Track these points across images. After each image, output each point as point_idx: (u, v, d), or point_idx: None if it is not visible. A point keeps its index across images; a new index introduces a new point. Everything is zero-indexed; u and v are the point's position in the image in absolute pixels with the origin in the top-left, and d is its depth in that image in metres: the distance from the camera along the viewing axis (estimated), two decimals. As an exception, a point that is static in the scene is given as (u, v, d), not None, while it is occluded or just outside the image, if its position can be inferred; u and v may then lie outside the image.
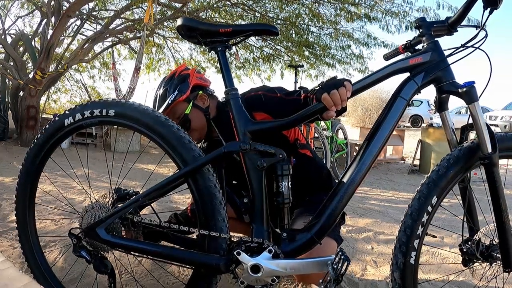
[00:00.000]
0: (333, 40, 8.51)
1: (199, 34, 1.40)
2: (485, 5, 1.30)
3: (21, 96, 7.41)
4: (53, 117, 1.49)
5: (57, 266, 2.13)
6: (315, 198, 1.80)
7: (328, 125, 5.85)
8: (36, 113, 7.10)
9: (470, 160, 1.37)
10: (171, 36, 9.66)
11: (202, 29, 1.39)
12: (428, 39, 1.40)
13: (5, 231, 2.58)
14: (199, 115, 1.80)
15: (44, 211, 3.07)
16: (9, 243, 2.38)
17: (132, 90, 7.17)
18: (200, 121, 1.81)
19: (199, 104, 1.81)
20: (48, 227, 2.77)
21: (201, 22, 1.42)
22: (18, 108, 7.32)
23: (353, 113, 14.02)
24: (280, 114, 1.51)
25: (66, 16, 6.57)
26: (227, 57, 1.45)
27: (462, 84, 1.34)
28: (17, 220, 1.61)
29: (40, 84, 6.96)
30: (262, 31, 1.43)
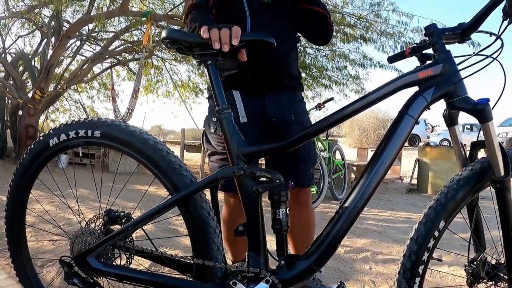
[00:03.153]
0: (329, 62, 8.61)
1: (186, 47, 1.30)
2: (505, 16, 1.19)
3: (20, 115, 7.40)
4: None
5: (55, 286, 2.10)
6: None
7: (326, 146, 5.85)
8: (34, 132, 7.09)
9: (480, 181, 1.28)
10: (169, 58, 9.72)
11: (189, 41, 1.29)
12: (439, 49, 1.28)
13: (3, 249, 2.54)
14: None
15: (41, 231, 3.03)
16: (7, 261, 2.35)
17: (130, 111, 7.18)
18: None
19: None
20: (46, 246, 2.72)
21: (188, 33, 1.34)
22: (17, 127, 7.31)
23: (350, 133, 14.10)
24: None
25: (66, 37, 6.63)
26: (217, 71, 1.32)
27: (476, 101, 1.23)
28: (8, 241, 1.55)
29: (39, 104, 6.97)
30: (256, 42, 1.33)
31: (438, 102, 1.29)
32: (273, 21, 1.76)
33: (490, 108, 1.22)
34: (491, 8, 1.20)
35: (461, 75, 1.26)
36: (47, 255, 2.56)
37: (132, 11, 7.41)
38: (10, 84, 7.61)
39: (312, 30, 1.89)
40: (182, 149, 8.59)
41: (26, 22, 8.69)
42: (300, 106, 1.90)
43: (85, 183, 5.63)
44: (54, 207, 4.02)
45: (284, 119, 1.80)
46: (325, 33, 1.88)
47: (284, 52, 1.79)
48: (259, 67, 1.70)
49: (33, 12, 7.97)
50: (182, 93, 10.42)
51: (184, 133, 8.81)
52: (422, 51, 1.36)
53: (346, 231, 1.27)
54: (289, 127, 1.79)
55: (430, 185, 6.76)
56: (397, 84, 1.26)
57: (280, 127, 1.79)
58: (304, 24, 1.86)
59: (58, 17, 7.76)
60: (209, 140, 1.82)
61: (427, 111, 1.30)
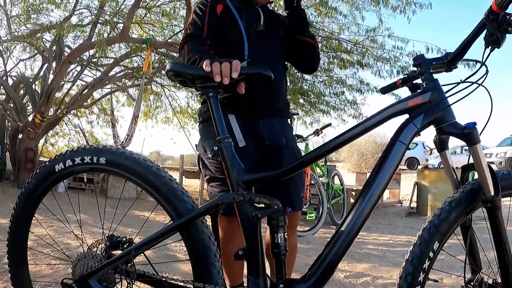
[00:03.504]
0: (327, 87, 8.67)
1: (189, 79, 1.36)
2: (487, 44, 1.26)
3: (20, 138, 7.46)
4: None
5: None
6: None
7: (324, 171, 5.88)
8: (34, 156, 7.13)
9: (472, 202, 1.33)
10: (169, 84, 9.82)
11: (192, 74, 1.36)
12: (427, 78, 1.35)
13: (1, 272, 2.55)
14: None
15: (40, 255, 3.03)
16: (4, 284, 2.35)
17: (130, 137, 7.21)
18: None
19: None
20: (44, 271, 2.72)
21: (190, 67, 1.40)
22: (17, 150, 7.35)
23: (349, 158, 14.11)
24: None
25: (67, 62, 6.74)
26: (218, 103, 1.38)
27: (463, 126, 1.29)
28: (9, 264, 1.57)
29: (39, 128, 7.03)
30: (255, 75, 1.39)
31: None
32: (266, 48, 1.86)
33: (477, 132, 1.28)
34: (474, 38, 1.28)
35: (449, 101, 1.32)
36: (46, 278, 2.56)
37: (132, 38, 7.55)
38: (11, 107, 7.68)
39: (302, 59, 2.03)
40: (181, 175, 8.61)
41: (27, 46, 8.79)
42: (290, 131, 2.00)
43: (84, 208, 5.63)
44: (52, 231, 4.02)
45: (277, 143, 1.87)
46: (314, 62, 2.04)
47: (278, 79, 1.86)
48: (255, 93, 1.75)
49: (35, 36, 8.10)
50: (181, 119, 10.48)
51: (183, 159, 8.86)
52: (412, 81, 1.46)
53: (343, 255, 1.31)
54: (282, 151, 1.87)
55: (429, 208, 6.76)
56: (388, 112, 1.32)
57: (273, 151, 1.86)
58: (295, 53, 1.99)
59: (60, 42, 7.91)
60: (206, 165, 1.85)
61: (426, 134, 1.35)
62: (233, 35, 1.82)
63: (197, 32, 1.80)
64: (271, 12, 2.01)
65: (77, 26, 8.15)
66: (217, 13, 1.84)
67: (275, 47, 1.91)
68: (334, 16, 7.08)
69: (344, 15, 7.18)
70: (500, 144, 16.84)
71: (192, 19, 1.85)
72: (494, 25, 1.21)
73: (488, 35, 1.24)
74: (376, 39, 7.47)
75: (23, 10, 7.31)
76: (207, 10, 1.83)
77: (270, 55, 1.87)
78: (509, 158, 14.75)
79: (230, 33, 1.83)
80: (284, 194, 1.80)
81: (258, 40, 1.84)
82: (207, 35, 1.80)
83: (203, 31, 1.80)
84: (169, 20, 8.29)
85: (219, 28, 1.83)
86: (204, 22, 1.81)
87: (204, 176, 1.91)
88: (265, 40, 1.87)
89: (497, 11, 1.20)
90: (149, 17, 8.52)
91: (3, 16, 7.93)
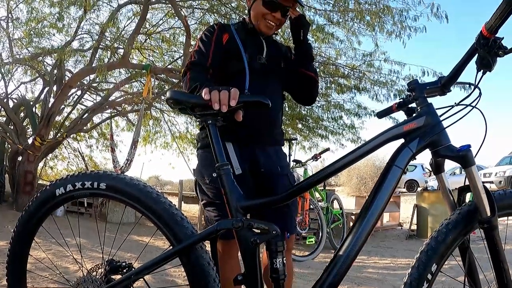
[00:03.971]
0: (325, 112, 8.78)
1: (188, 107, 1.38)
2: (478, 68, 1.30)
3: (19, 160, 7.48)
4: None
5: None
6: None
7: (323, 196, 5.88)
8: (33, 179, 7.13)
9: (469, 223, 1.34)
10: (168, 109, 9.88)
11: (191, 102, 1.38)
12: (421, 103, 1.37)
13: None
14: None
15: (38, 278, 3.00)
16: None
17: (129, 162, 7.22)
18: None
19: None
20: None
21: (190, 95, 1.43)
22: (16, 172, 7.37)
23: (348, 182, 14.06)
24: None
25: (68, 87, 6.82)
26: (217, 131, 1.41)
27: (458, 148, 1.31)
28: (8, 286, 1.55)
29: (39, 151, 7.06)
30: (253, 103, 1.42)
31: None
32: (266, 81, 1.89)
33: (472, 154, 1.30)
34: (466, 62, 1.32)
35: (444, 124, 1.34)
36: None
37: (132, 64, 7.65)
38: (11, 129, 7.74)
39: (303, 92, 2.08)
40: (180, 200, 8.60)
41: (29, 69, 8.91)
42: (284, 159, 2.02)
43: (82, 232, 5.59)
44: (50, 254, 3.99)
45: (272, 170, 1.89)
46: (314, 96, 2.09)
47: (275, 109, 1.90)
48: (252, 121, 1.74)
49: (37, 59, 8.19)
50: (180, 145, 10.52)
51: (182, 184, 8.86)
52: (407, 105, 1.48)
53: (341, 279, 1.31)
54: (277, 179, 1.89)
55: (430, 230, 6.72)
56: (384, 137, 1.35)
57: (268, 178, 1.88)
58: (296, 86, 2.04)
59: (61, 66, 8.01)
60: (203, 190, 1.86)
61: (425, 156, 1.37)
62: (235, 66, 1.84)
63: (201, 60, 1.81)
64: (273, 42, 2.04)
65: (78, 50, 8.30)
66: (223, 42, 1.86)
67: (275, 79, 1.95)
68: (331, 41, 7.22)
69: (341, 40, 7.34)
70: (499, 163, 16.75)
71: (198, 46, 1.86)
72: (485, 49, 1.25)
73: (480, 59, 1.28)
74: (372, 64, 7.59)
75: (25, 33, 7.46)
76: (214, 39, 1.85)
77: (270, 87, 1.90)
78: (508, 177, 14.63)
79: (233, 65, 1.85)
80: (279, 219, 1.78)
81: (260, 73, 1.87)
82: (211, 64, 1.81)
83: (207, 60, 1.81)
84: (168, 46, 8.44)
85: (224, 58, 1.85)
86: (209, 50, 1.83)
87: (201, 201, 1.92)
88: (266, 73, 1.90)
89: (487, 36, 1.24)
90: (149, 43, 8.68)
91: (5, 39, 8.05)
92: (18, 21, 7.88)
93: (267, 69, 1.91)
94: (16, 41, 8.20)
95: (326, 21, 6.87)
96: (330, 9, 6.69)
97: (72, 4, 6.73)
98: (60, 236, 2.13)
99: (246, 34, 1.93)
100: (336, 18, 6.88)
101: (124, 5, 7.60)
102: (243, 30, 1.94)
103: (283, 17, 1.89)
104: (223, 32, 1.89)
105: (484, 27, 1.24)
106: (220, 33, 1.88)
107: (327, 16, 6.78)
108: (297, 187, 1.40)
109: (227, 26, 1.95)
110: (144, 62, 8.36)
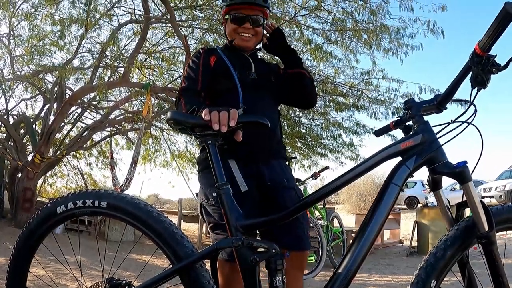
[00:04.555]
0: (324, 130, 8.77)
1: (188, 127, 1.41)
2: (473, 85, 1.33)
3: (19, 177, 7.48)
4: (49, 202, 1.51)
5: None
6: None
7: (323, 214, 5.87)
8: (32, 195, 7.12)
9: (467, 239, 1.35)
10: (168, 128, 9.89)
11: (191, 122, 1.42)
12: (418, 121, 1.40)
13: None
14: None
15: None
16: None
17: (129, 180, 7.20)
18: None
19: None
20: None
21: (190, 116, 1.47)
22: (15, 189, 7.36)
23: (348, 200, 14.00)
24: None
25: (68, 104, 6.84)
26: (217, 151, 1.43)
27: (455, 165, 1.33)
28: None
29: (38, 168, 7.06)
30: (252, 123, 1.45)
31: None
32: (259, 95, 1.91)
33: (469, 170, 1.32)
34: (461, 80, 1.35)
35: (440, 142, 1.37)
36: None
37: (132, 82, 7.71)
38: (11, 146, 7.76)
39: (297, 93, 2.06)
40: (179, 219, 8.57)
41: (29, 86, 8.95)
42: (290, 172, 2.01)
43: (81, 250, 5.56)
44: (50, 272, 3.96)
45: (279, 183, 1.87)
46: (310, 92, 2.07)
47: (273, 124, 1.87)
48: (251, 139, 1.72)
49: (37, 77, 8.27)
50: (179, 163, 10.50)
51: (181, 203, 8.84)
52: (404, 123, 1.50)
53: (341, 297, 1.30)
54: (284, 192, 1.87)
55: (430, 246, 6.55)
56: (381, 155, 1.37)
57: (275, 192, 1.86)
58: (290, 90, 2.04)
59: (61, 84, 8.06)
60: (209, 212, 1.84)
61: (425, 172, 1.38)
62: (227, 84, 1.87)
63: (191, 86, 1.85)
64: (260, 60, 2.09)
65: (79, 68, 8.35)
66: (211, 65, 1.91)
67: (268, 94, 1.96)
68: (329, 60, 7.28)
69: (339, 59, 7.39)
70: (499, 178, 16.58)
71: (187, 72, 1.91)
72: (478, 67, 1.28)
73: (474, 76, 1.31)
74: (371, 82, 7.66)
75: (26, 50, 7.51)
76: (201, 63, 1.89)
77: (264, 101, 1.92)
78: (508, 191, 14.44)
79: (224, 83, 1.87)
80: (286, 234, 1.79)
81: (251, 88, 1.89)
82: (201, 88, 1.85)
83: (197, 84, 1.85)
84: (168, 65, 8.50)
85: (213, 78, 1.89)
86: (198, 75, 1.86)
87: (207, 224, 1.89)
88: (257, 88, 1.92)
89: (480, 54, 1.27)
90: (149, 61, 8.74)
91: (7, 56, 8.13)
92: (19, 38, 7.99)
93: (258, 84, 1.93)
94: (17, 58, 8.29)
95: (324, 40, 6.96)
96: (328, 28, 6.78)
97: (74, 23, 6.80)
98: (60, 253, 2.12)
99: (230, 52, 1.97)
100: (334, 37, 6.98)
101: (125, 24, 7.69)
102: (228, 50, 1.99)
103: (255, 27, 1.93)
104: (209, 55, 1.93)
105: (477, 45, 1.27)
106: (206, 56, 1.92)
107: (325, 35, 6.87)
108: (296, 206, 1.41)
109: (213, 49, 2.00)
110: (144, 80, 8.41)
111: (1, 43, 8.20)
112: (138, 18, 7.43)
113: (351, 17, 6.53)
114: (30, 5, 7.38)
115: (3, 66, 8.45)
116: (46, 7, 7.02)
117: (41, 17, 7.32)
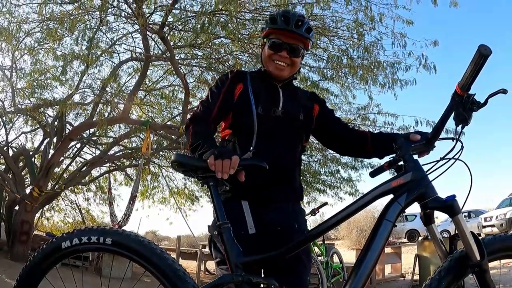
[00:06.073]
0: (322, 167, 8.83)
1: (191, 169, 1.48)
2: (457, 123, 1.41)
3: (16, 210, 7.45)
4: (46, 235, 1.52)
5: None
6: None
7: (322, 250, 5.81)
8: (29, 228, 7.10)
9: (461, 269, 1.38)
10: (166, 165, 9.87)
11: (194, 165, 1.48)
12: (408, 160, 1.46)
13: None
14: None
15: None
16: None
17: (127, 216, 7.18)
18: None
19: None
20: None
21: (193, 159, 1.52)
22: (12, 221, 7.33)
23: (348, 235, 13.85)
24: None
25: (68, 139, 6.89)
26: (218, 192, 1.50)
27: (444, 199, 1.38)
28: None
29: (36, 201, 7.05)
30: (250, 166, 1.50)
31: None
32: (279, 134, 1.81)
33: (458, 203, 1.37)
34: (445, 119, 1.44)
35: (430, 178, 1.43)
36: None
37: (132, 119, 7.80)
38: (9, 178, 7.76)
39: (353, 147, 1.99)
40: (177, 256, 8.50)
41: (30, 119, 9.00)
42: (302, 215, 1.92)
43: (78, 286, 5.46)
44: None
45: (289, 228, 1.79)
46: (356, 149, 2.00)
47: (288, 166, 1.84)
48: (265, 182, 1.73)
49: (38, 110, 8.36)
50: (178, 200, 10.44)
51: (179, 240, 8.76)
52: (397, 163, 1.57)
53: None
54: (294, 236, 1.76)
55: (433, 278, 6.51)
56: (374, 193, 1.44)
57: (285, 236, 1.74)
58: (340, 138, 1.99)
59: (62, 118, 8.14)
60: (217, 247, 1.74)
61: (404, 213, 1.43)
62: (246, 120, 1.77)
63: (204, 116, 1.77)
64: (293, 92, 1.94)
65: (80, 104, 8.43)
66: (234, 96, 1.82)
67: (290, 132, 1.84)
68: (326, 96, 7.36)
69: (336, 95, 7.53)
70: (500, 206, 16.33)
71: (207, 96, 1.84)
72: (459, 106, 1.37)
73: (456, 115, 1.40)
74: (367, 117, 7.77)
75: (28, 84, 7.64)
76: (223, 91, 1.81)
77: (283, 141, 1.81)
78: (509, 218, 14.23)
79: (244, 118, 1.78)
80: (288, 274, 1.71)
81: (273, 125, 1.79)
82: (214, 119, 1.79)
83: (211, 114, 1.77)
84: (167, 103, 8.64)
85: (234, 109, 1.81)
86: (215, 105, 1.78)
87: (214, 259, 1.82)
88: (279, 126, 1.81)
89: (461, 94, 1.36)
90: (149, 98, 8.86)
91: (8, 88, 8.23)
92: (22, 71, 8.13)
93: (281, 123, 1.81)
94: (18, 91, 8.38)
95: (321, 77, 7.09)
96: (324, 65, 6.92)
97: (76, 59, 6.95)
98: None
99: (261, 82, 1.87)
100: (330, 73, 7.11)
101: (125, 62, 7.85)
102: (259, 77, 1.89)
103: (293, 56, 1.80)
104: (236, 83, 1.84)
105: (457, 86, 1.36)
106: (232, 84, 1.83)
107: (321, 72, 7.00)
108: (293, 243, 1.47)
109: (242, 75, 1.90)
110: (143, 117, 8.50)
111: (3, 75, 8.33)
112: (139, 55, 7.61)
113: (346, 54, 6.69)
114: (33, 40, 7.57)
115: (5, 98, 8.58)
116: (49, 42, 7.17)
117: (44, 52, 7.49)
